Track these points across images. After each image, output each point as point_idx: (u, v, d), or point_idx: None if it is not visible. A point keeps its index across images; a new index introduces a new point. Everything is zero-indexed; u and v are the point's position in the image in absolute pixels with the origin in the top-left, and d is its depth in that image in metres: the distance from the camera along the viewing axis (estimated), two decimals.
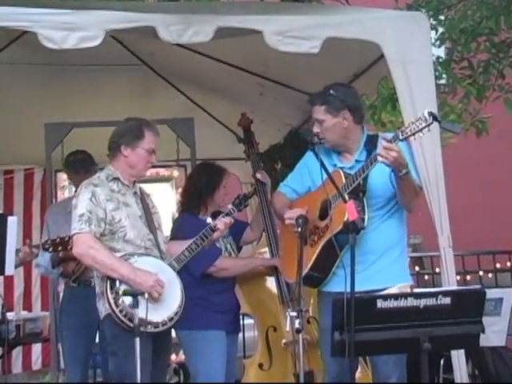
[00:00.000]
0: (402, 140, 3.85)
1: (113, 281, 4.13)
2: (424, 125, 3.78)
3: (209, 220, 4.62)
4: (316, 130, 4.17)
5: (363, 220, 3.94)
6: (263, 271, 5.05)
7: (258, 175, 5.17)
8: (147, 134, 4.36)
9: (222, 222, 4.55)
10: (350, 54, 4.85)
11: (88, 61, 5.65)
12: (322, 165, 3.96)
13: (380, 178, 4.07)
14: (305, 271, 4.10)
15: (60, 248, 4.82)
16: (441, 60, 8.04)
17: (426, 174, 4.25)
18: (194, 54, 5.46)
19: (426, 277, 8.55)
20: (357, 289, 3.84)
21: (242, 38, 4.52)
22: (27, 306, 7.45)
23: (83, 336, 5.42)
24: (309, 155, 4.23)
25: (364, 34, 4.37)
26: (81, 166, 5.54)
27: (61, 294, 5.78)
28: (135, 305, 3.92)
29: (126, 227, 4.27)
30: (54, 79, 6.03)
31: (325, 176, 3.96)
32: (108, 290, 4.12)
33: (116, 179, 4.36)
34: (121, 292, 4.00)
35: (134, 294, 3.96)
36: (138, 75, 6.29)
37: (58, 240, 4.81)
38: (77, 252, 4.19)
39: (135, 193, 4.43)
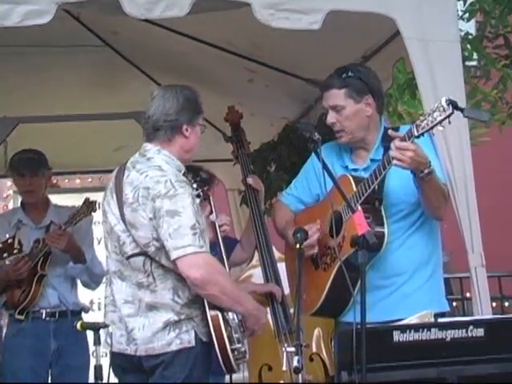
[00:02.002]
0: (418, 137, 3.85)
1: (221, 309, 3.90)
2: (443, 116, 3.77)
3: (213, 217, 4.53)
4: (332, 120, 4.17)
5: (382, 235, 3.95)
6: (256, 299, 5.04)
7: (250, 180, 5.16)
8: (201, 104, 4.11)
9: (225, 219, 4.45)
10: (358, 30, 4.88)
11: (37, 42, 5.65)
12: (325, 168, 3.94)
13: (399, 178, 4.05)
14: (319, 302, 4.11)
15: (6, 255, 4.77)
16: (470, 37, 8.06)
17: (453, 178, 4.24)
18: (167, 33, 5.48)
19: (454, 303, 8.59)
20: (380, 319, 3.90)
21: (227, 12, 4.52)
22: None
23: (32, 381, 5.35)
24: (315, 157, 4.16)
25: (375, 7, 4.38)
26: (28, 168, 5.46)
27: (4, 329, 5.72)
28: (96, 342, 3.88)
29: (206, 240, 3.92)
30: None
31: (329, 182, 3.95)
32: (221, 320, 3.87)
33: (184, 173, 3.99)
34: (79, 326, 3.95)
35: (96, 329, 3.92)
36: (100, 59, 6.30)
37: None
38: (199, 278, 3.74)
39: None
